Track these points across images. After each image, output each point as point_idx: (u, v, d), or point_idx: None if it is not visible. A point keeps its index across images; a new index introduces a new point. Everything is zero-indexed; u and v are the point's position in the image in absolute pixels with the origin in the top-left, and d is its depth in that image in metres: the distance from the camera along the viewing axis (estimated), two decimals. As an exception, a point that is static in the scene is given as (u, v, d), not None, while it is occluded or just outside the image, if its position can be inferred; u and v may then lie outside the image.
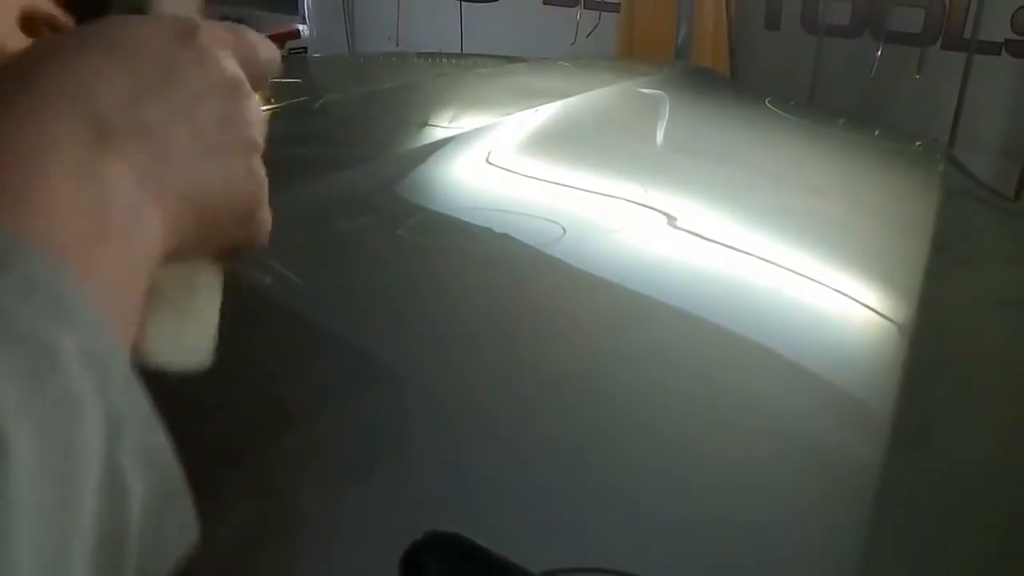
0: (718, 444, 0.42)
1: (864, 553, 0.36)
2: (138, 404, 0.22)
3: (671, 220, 0.70)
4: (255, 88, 0.33)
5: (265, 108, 0.46)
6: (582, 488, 0.38)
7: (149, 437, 0.22)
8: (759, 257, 0.65)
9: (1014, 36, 2.39)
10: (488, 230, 0.60)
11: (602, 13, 2.94)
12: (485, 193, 0.72)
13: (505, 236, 0.60)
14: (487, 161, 0.77)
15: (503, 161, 0.79)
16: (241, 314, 0.31)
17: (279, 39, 2.74)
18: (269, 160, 0.31)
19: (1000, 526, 0.43)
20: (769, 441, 0.44)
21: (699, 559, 0.35)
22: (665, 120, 1.10)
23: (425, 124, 0.93)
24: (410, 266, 0.56)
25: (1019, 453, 0.50)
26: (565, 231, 0.63)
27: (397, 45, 3.17)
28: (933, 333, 0.56)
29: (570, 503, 0.37)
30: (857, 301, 0.61)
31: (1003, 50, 2.41)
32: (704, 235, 0.68)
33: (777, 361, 0.52)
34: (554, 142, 0.87)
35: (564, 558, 0.33)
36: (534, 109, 0.93)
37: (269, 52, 0.35)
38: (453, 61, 1.61)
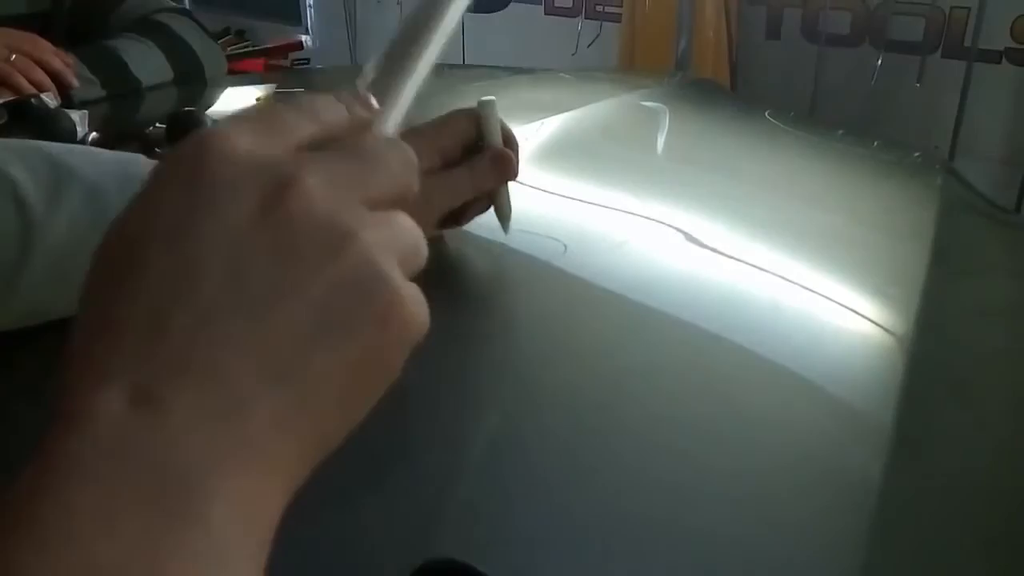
0: (717, 456, 0.43)
1: (864, 564, 0.37)
2: None
3: (671, 233, 0.71)
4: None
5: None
6: (580, 509, 0.39)
7: None
8: (758, 268, 0.66)
9: (1014, 44, 2.39)
10: (494, 244, 0.61)
11: (603, 23, 2.95)
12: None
13: (510, 251, 0.61)
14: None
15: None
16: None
17: (283, 50, 2.75)
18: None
19: (999, 536, 0.44)
20: (768, 452, 0.44)
21: (700, 571, 0.36)
22: (665, 133, 1.10)
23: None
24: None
25: (1018, 464, 0.50)
26: (568, 246, 0.63)
27: (399, 56, 3.17)
28: (930, 345, 0.57)
29: (568, 524, 0.38)
30: (855, 312, 0.62)
31: (1003, 58, 2.42)
32: (703, 247, 0.69)
33: (776, 372, 0.52)
34: (557, 156, 0.88)
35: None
36: (539, 122, 0.94)
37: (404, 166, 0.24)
38: (455, 73, 1.62)
